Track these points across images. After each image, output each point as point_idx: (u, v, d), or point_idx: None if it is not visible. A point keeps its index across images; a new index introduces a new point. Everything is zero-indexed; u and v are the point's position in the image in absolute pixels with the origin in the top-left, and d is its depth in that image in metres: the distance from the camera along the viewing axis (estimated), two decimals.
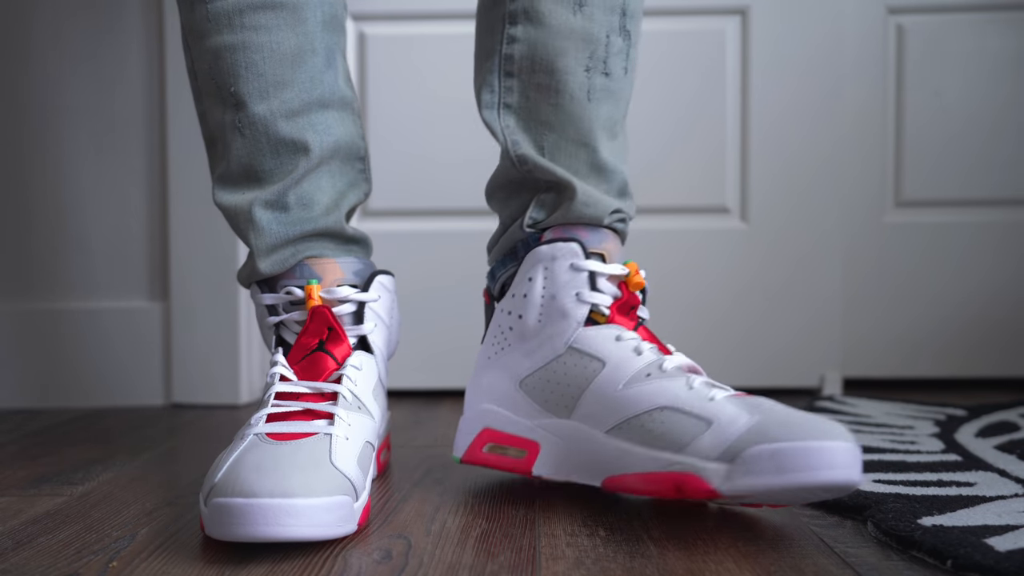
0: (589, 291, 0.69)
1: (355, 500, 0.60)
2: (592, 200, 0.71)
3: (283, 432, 0.62)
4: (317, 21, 0.73)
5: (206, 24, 0.71)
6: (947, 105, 1.23)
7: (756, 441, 0.57)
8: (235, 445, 0.62)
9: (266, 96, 0.71)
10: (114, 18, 1.16)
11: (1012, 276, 1.23)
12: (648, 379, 0.65)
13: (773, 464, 0.56)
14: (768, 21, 1.19)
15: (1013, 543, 0.55)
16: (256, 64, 0.71)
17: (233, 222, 0.74)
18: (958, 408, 1.04)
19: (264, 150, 0.72)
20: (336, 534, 0.58)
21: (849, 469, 0.56)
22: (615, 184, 0.73)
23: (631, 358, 0.66)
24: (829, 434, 0.56)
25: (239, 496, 0.55)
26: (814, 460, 0.55)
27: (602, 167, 0.72)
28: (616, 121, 0.74)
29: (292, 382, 0.67)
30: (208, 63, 0.72)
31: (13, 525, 0.65)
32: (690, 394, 0.63)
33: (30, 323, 1.16)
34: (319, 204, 0.73)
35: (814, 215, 1.20)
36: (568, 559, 0.57)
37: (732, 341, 1.20)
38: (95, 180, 1.17)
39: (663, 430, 0.62)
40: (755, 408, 0.60)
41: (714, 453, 0.59)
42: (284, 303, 0.72)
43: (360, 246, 0.77)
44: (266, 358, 1.20)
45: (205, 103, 0.74)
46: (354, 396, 0.67)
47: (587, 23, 0.71)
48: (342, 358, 0.69)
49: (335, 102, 0.74)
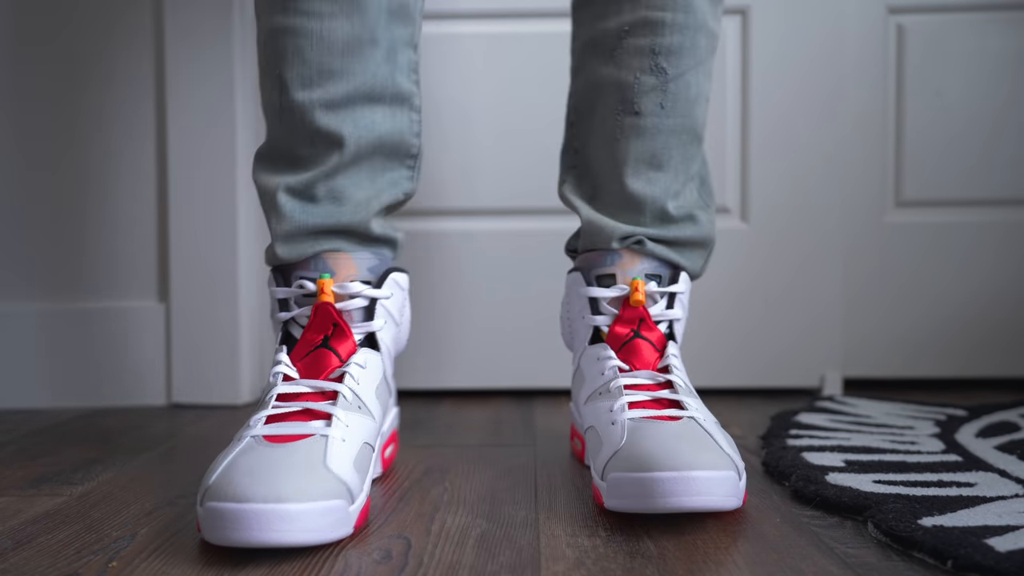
0: (591, 315, 0.78)
1: (350, 503, 0.60)
2: (596, 229, 0.79)
3: (280, 434, 0.61)
4: (380, 11, 0.72)
5: (266, 3, 0.72)
6: (948, 105, 1.23)
7: (616, 467, 0.64)
8: (232, 447, 0.62)
9: (309, 84, 0.71)
10: (115, 19, 1.16)
11: (1013, 276, 1.23)
12: (593, 398, 0.74)
13: (633, 490, 0.61)
14: (768, 21, 1.19)
15: (1013, 543, 0.55)
16: (303, 51, 0.70)
17: (261, 200, 0.75)
18: (958, 408, 1.03)
19: (300, 137, 0.72)
20: (330, 538, 0.57)
21: (672, 497, 0.60)
22: (648, 213, 0.78)
23: (596, 378, 0.75)
24: (688, 464, 0.60)
25: (232, 500, 0.55)
26: (661, 488, 0.60)
27: (630, 198, 0.78)
28: (654, 154, 0.78)
29: (294, 381, 0.67)
30: (263, 41, 0.73)
31: (12, 525, 0.65)
32: (606, 416, 0.70)
33: (30, 323, 1.16)
34: (350, 200, 0.73)
35: (815, 215, 1.20)
36: (568, 559, 0.57)
37: (732, 341, 1.20)
38: (95, 180, 1.16)
39: (591, 445, 0.71)
40: (644, 433, 0.65)
41: (598, 471, 0.67)
42: (296, 296, 0.72)
43: (387, 245, 0.77)
44: (266, 358, 1.20)
45: (262, 77, 0.75)
46: (355, 395, 0.67)
47: (617, 70, 0.78)
48: (346, 355, 0.69)
49: (388, 96, 0.74)
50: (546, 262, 1.17)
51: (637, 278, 0.76)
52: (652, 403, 0.70)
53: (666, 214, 0.79)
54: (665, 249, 0.79)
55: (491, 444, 0.92)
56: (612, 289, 0.77)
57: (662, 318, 0.77)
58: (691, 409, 0.68)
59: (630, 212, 0.78)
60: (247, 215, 1.16)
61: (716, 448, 0.64)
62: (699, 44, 0.77)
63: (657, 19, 0.76)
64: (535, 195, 1.19)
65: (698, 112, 0.79)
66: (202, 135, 1.14)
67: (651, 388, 0.71)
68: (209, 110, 1.14)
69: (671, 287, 0.78)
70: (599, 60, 0.79)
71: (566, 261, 0.99)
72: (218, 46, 1.13)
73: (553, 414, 1.08)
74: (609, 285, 0.78)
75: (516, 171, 1.20)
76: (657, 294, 0.77)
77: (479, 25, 1.20)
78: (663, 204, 0.78)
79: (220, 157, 1.14)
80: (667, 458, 0.61)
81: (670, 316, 0.77)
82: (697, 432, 0.66)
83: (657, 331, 0.76)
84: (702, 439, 0.64)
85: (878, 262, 1.23)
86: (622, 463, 0.63)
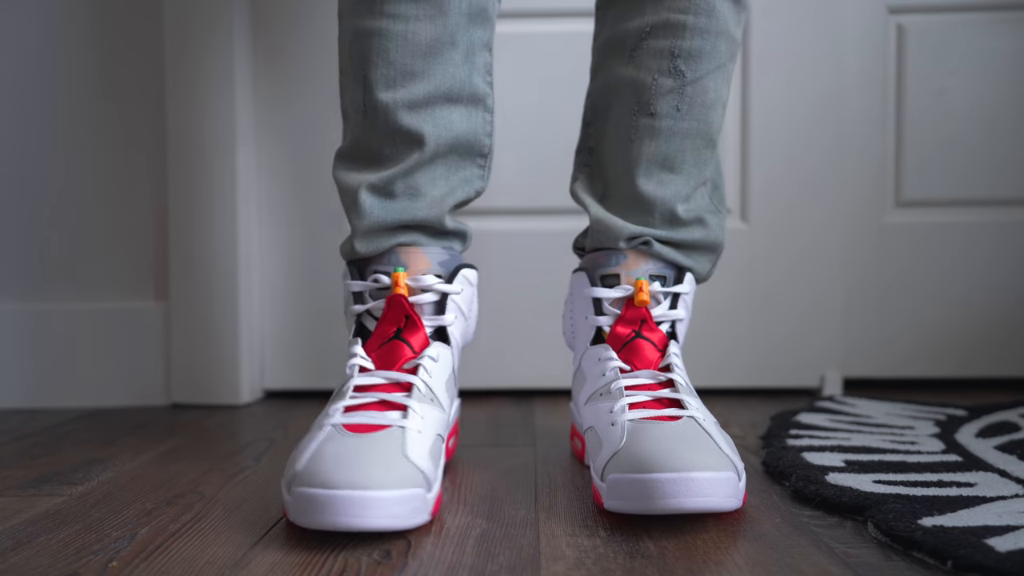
0: (594, 315, 0.78)
1: (428, 492, 0.62)
2: (604, 228, 0.79)
3: (359, 423, 0.65)
4: (462, 14, 0.74)
5: (353, 5, 0.74)
6: (948, 105, 1.23)
7: (614, 469, 0.64)
8: (314, 435, 0.65)
9: (393, 85, 0.73)
10: (116, 20, 1.16)
11: (1012, 276, 1.23)
12: (593, 399, 0.74)
13: (632, 492, 0.62)
14: (768, 21, 1.19)
15: (1013, 543, 0.55)
16: (388, 52, 0.73)
17: (342, 197, 0.77)
18: (958, 408, 1.03)
19: (383, 136, 0.74)
20: (410, 525, 0.60)
21: (672, 499, 0.60)
22: (657, 214, 0.78)
23: (596, 379, 0.75)
24: (685, 466, 0.60)
25: (320, 487, 0.58)
26: (656, 490, 0.60)
27: (640, 198, 0.78)
28: (667, 156, 0.78)
29: (370, 372, 0.70)
30: (348, 42, 0.75)
31: (13, 525, 0.65)
32: (606, 417, 0.70)
33: (30, 323, 1.16)
34: (427, 196, 0.75)
35: (814, 215, 1.20)
36: (568, 559, 0.57)
37: (732, 341, 1.20)
38: (95, 180, 1.17)
39: (591, 446, 0.71)
40: (644, 435, 0.65)
41: (598, 473, 0.67)
42: (371, 290, 0.74)
43: (457, 239, 0.79)
44: (264, 359, 1.21)
45: (344, 78, 0.77)
46: (428, 388, 0.69)
47: (635, 70, 0.78)
48: (419, 347, 0.72)
49: (465, 97, 0.76)
50: (547, 262, 1.17)
51: (641, 278, 0.76)
52: (653, 403, 0.70)
53: (675, 216, 0.78)
54: (672, 251, 0.79)
55: (491, 444, 0.92)
56: (616, 289, 0.76)
57: (665, 318, 0.77)
58: (691, 408, 0.69)
59: (639, 212, 0.78)
60: (247, 215, 1.16)
61: (715, 449, 0.64)
62: (719, 49, 0.77)
63: (679, 22, 0.76)
64: (536, 196, 1.19)
65: (714, 117, 0.79)
66: (202, 135, 1.14)
67: (652, 388, 0.72)
68: (209, 110, 1.14)
69: (675, 287, 0.78)
70: (618, 60, 0.79)
71: (566, 262, 0.99)
72: (218, 46, 1.13)
73: (553, 414, 1.08)
74: (613, 285, 0.78)
75: (518, 172, 1.20)
76: (661, 294, 0.77)
77: None
78: (673, 206, 0.78)
79: (220, 157, 1.14)
80: (666, 459, 0.61)
81: (673, 316, 0.77)
82: (697, 432, 0.66)
83: (659, 332, 0.76)
84: (702, 440, 0.65)
85: (878, 262, 1.23)
86: (622, 464, 0.63)
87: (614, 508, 0.64)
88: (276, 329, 1.21)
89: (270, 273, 1.20)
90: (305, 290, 1.20)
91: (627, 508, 0.62)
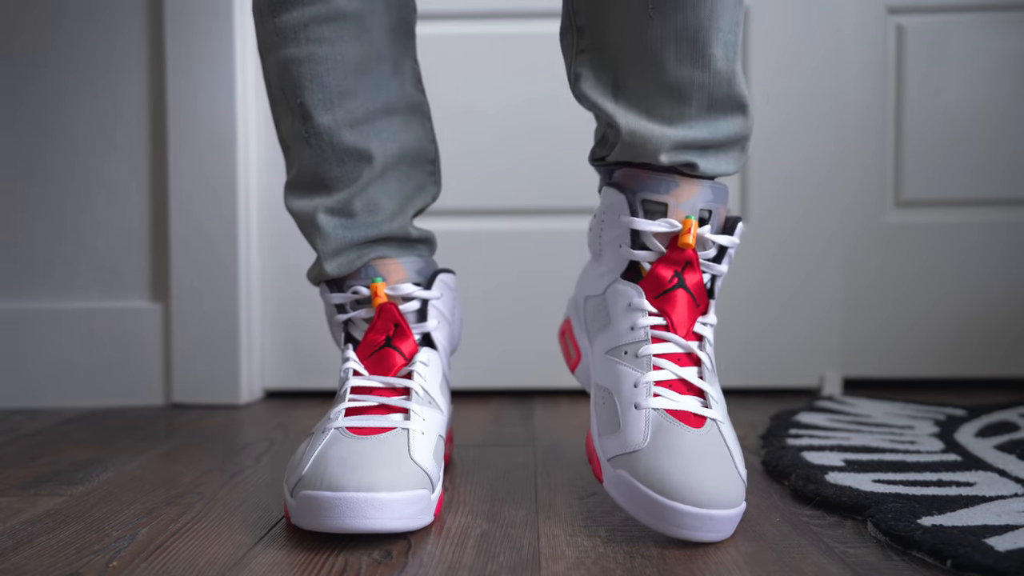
0: (630, 248, 0.68)
1: (432, 492, 0.63)
2: (640, 140, 0.65)
3: (362, 426, 0.65)
4: (383, 28, 0.74)
5: (274, 37, 0.73)
6: (947, 105, 1.23)
7: (627, 467, 0.61)
8: (317, 439, 0.64)
9: (331, 107, 0.73)
10: (116, 20, 1.16)
11: (1012, 276, 1.23)
12: (619, 358, 0.67)
13: (627, 495, 0.61)
14: (768, 21, 1.19)
15: (1013, 543, 0.55)
16: (320, 76, 0.72)
17: (301, 227, 0.77)
18: (958, 408, 1.04)
19: (330, 159, 0.74)
20: (416, 525, 0.60)
21: (686, 530, 0.58)
22: (695, 103, 0.65)
23: (623, 331, 0.67)
24: (686, 497, 0.58)
25: (327, 489, 0.58)
26: (657, 511, 0.59)
27: (673, 86, 0.65)
28: (698, 29, 0.63)
29: (365, 376, 0.70)
30: (277, 75, 0.74)
31: (13, 525, 0.65)
32: (629, 392, 0.65)
33: (30, 323, 1.16)
34: (385, 209, 0.75)
35: (814, 215, 1.20)
36: (568, 559, 0.57)
37: (732, 341, 1.20)
38: (95, 180, 1.17)
39: (601, 409, 0.67)
40: (659, 436, 0.61)
41: (608, 455, 0.64)
42: (350, 301, 0.74)
43: (425, 245, 0.79)
44: (265, 359, 1.20)
45: (277, 111, 0.77)
46: (425, 391, 0.70)
47: None
48: (409, 354, 0.72)
49: (402, 108, 0.76)
50: (546, 262, 1.17)
51: (691, 217, 0.66)
52: (678, 384, 0.65)
53: (716, 101, 0.65)
54: (718, 160, 0.68)
55: (491, 444, 0.92)
56: (661, 223, 0.66)
57: (707, 270, 0.68)
58: (714, 406, 0.65)
59: (673, 103, 0.65)
60: (247, 215, 1.16)
61: (735, 476, 0.61)
62: None
63: None
64: (534, 196, 1.19)
65: None
66: (202, 134, 1.14)
67: (682, 361, 0.66)
68: (210, 109, 1.14)
69: (724, 238, 0.68)
70: None
71: (566, 261, 0.99)
72: (220, 42, 1.13)
73: (553, 414, 1.08)
74: (655, 215, 0.67)
75: (514, 172, 1.20)
76: (709, 240, 0.67)
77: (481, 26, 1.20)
78: (713, 89, 0.65)
79: (220, 157, 1.14)
80: (687, 488, 0.58)
81: (715, 270, 0.68)
82: (718, 447, 0.62)
83: (699, 276, 0.67)
84: (722, 461, 0.62)
85: (878, 262, 1.23)
86: (639, 471, 0.60)
87: (616, 502, 0.62)
88: (276, 329, 1.21)
89: (270, 273, 1.20)
90: (305, 290, 1.20)
91: (633, 514, 0.61)
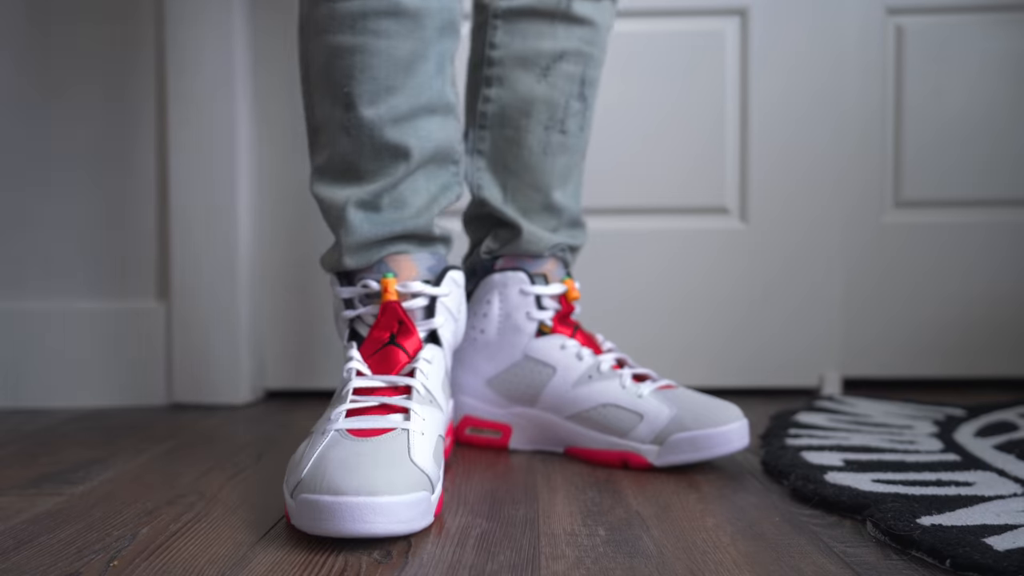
0: (536, 310, 0.87)
1: (432, 493, 0.62)
2: (535, 239, 0.88)
3: (362, 428, 0.64)
4: (435, 28, 0.75)
5: (328, 21, 0.73)
6: (947, 105, 1.23)
7: (677, 430, 0.79)
8: (317, 440, 0.64)
9: (376, 100, 0.73)
10: (118, 21, 1.16)
11: (1012, 276, 1.23)
12: (590, 380, 0.84)
13: (691, 446, 0.78)
14: (768, 21, 1.19)
15: (1012, 542, 0.55)
16: (372, 68, 0.73)
17: (325, 214, 0.77)
18: (957, 408, 1.04)
19: (367, 151, 0.74)
20: (417, 528, 0.60)
21: (741, 441, 0.79)
22: (564, 219, 0.90)
23: (575, 363, 0.85)
24: (727, 419, 0.79)
25: (326, 493, 0.58)
26: (717, 440, 0.78)
27: (553, 207, 0.89)
28: (571, 169, 0.90)
29: (368, 376, 0.70)
30: (324, 58, 0.74)
31: (14, 524, 0.65)
32: (623, 392, 0.82)
33: (30, 323, 1.16)
34: (412, 206, 0.76)
35: (813, 215, 1.20)
36: (568, 559, 0.57)
37: (731, 341, 1.20)
38: (96, 180, 1.17)
39: (607, 421, 0.82)
40: (673, 401, 0.81)
41: (648, 439, 0.80)
42: (360, 296, 0.75)
43: (442, 244, 0.80)
44: (265, 359, 1.21)
45: (315, 95, 0.76)
46: (426, 390, 0.70)
47: (550, 90, 0.87)
48: (413, 351, 0.72)
49: (440, 108, 0.77)
50: None
51: (567, 278, 0.89)
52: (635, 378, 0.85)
53: (576, 220, 0.92)
54: (571, 255, 0.92)
55: None
56: (554, 286, 0.88)
57: None
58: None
59: (550, 219, 0.89)
60: (247, 215, 1.16)
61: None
62: (601, 79, 0.92)
63: (588, 53, 0.88)
64: None
65: (590, 135, 0.93)
66: (203, 135, 1.14)
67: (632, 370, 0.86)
68: (210, 109, 1.14)
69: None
70: (531, 76, 0.87)
71: None
72: (219, 44, 1.13)
73: None
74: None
75: None
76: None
77: None
78: (575, 214, 0.91)
79: (221, 157, 1.14)
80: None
81: None
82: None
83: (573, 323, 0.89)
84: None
85: (877, 262, 1.23)
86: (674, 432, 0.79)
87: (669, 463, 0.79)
88: (276, 329, 1.21)
89: (270, 273, 1.20)
90: (305, 290, 1.20)
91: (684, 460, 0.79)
